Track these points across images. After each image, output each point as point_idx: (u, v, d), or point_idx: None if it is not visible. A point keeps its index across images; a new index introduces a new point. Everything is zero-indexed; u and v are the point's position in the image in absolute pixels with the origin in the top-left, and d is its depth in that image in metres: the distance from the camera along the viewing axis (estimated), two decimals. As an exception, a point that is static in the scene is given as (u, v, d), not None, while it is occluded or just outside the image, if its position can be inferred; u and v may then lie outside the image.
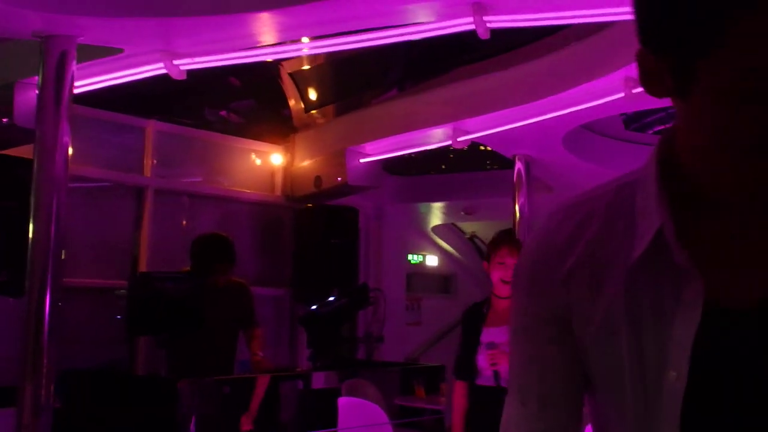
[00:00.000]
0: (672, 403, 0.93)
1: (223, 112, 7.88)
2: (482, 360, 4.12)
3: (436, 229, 9.26)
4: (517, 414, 1.09)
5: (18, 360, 3.59)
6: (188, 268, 5.84)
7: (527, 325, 1.08)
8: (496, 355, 4.09)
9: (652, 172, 1.00)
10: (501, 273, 4.20)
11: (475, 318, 4.31)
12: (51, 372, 3.57)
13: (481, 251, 9.59)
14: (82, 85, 4.64)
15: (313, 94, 7.56)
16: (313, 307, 5.91)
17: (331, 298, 6.27)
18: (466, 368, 4.20)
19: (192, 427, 4.49)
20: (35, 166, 3.76)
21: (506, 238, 4.41)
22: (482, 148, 8.33)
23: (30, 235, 3.67)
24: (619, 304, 0.97)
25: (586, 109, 4.97)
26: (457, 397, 4.24)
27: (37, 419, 3.46)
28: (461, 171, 8.58)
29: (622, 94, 4.49)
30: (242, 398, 4.74)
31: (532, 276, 1.07)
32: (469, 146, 8.17)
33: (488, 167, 8.37)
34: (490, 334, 4.21)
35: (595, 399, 1.06)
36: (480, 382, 4.16)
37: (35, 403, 3.48)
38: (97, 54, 4.44)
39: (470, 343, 4.21)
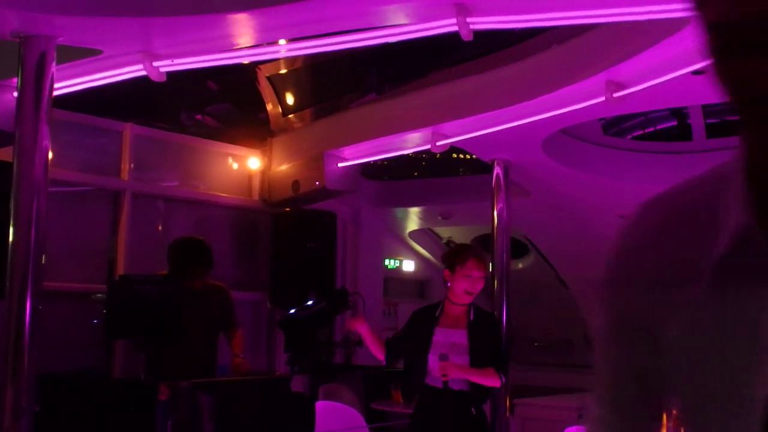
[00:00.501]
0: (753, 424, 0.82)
1: (200, 116, 7.85)
2: (433, 361, 4.35)
3: (413, 234, 9.26)
4: (607, 422, 1.01)
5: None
6: (166, 272, 5.82)
7: (614, 329, 1.01)
8: (447, 367, 4.30)
9: (738, 167, 0.90)
10: (467, 285, 4.44)
11: (426, 319, 4.53)
12: (31, 375, 3.54)
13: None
14: (61, 87, 4.59)
15: (290, 98, 7.55)
16: (292, 310, 5.90)
17: (310, 302, 6.26)
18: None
19: (169, 430, 4.45)
20: (15, 170, 3.72)
21: (473, 251, 4.66)
22: (455, 155, 8.38)
23: (10, 239, 3.63)
24: (704, 307, 0.88)
25: (566, 113, 4.99)
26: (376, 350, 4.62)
27: (17, 422, 3.43)
28: (438, 176, 8.61)
29: (602, 98, 4.52)
30: (222, 401, 4.72)
31: (616, 276, 1.02)
32: (442, 154, 8.25)
33: (461, 173, 8.42)
34: (440, 334, 4.44)
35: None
36: (429, 381, 4.37)
37: (16, 406, 3.44)
38: (75, 55, 4.41)
39: (421, 343, 4.41)
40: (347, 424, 5.72)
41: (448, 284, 4.47)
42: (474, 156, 7.51)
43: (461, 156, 8.31)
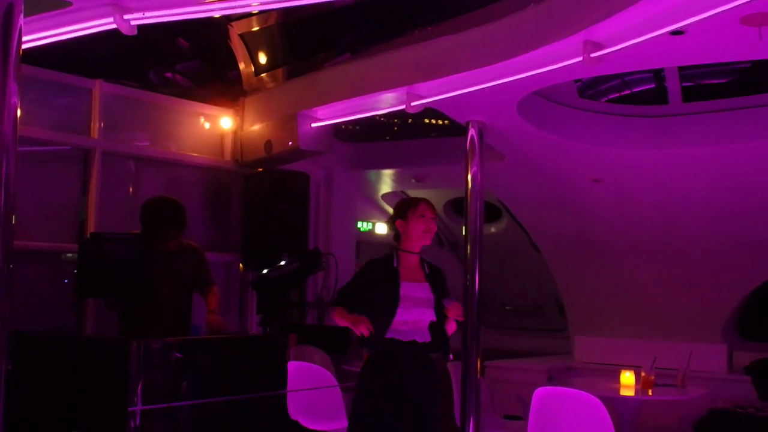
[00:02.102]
0: None
1: (169, 74, 7.75)
2: (402, 314, 4.37)
3: (386, 196, 9.24)
4: None
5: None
6: (138, 232, 5.77)
7: None
8: (457, 308, 4.48)
9: None
10: (423, 225, 4.51)
11: (387, 273, 4.49)
12: (3, 334, 3.49)
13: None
14: (29, 40, 4.49)
15: (263, 57, 7.47)
16: (265, 271, 5.87)
17: (283, 263, 6.24)
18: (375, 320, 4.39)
19: (139, 388, 4.43)
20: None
21: (421, 198, 4.67)
22: (427, 121, 8.35)
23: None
24: None
25: (542, 73, 4.95)
26: (340, 311, 4.48)
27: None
28: (411, 138, 8.58)
29: (580, 59, 4.48)
30: (194, 361, 4.69)
31: None
32: (414, 118, 8.20)
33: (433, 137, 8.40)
34: (407, 288, 4.44)
35: None
36: (395, 336, 4.38)
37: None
38: (44, 7, 4.31)
39: (389, 298, 4.39)
40: (319, 384, 5.73)
41: (403, 234, 4.53)
42: (447, 121, 7.49)
43: (434, 121, 8.28)
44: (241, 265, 7.38)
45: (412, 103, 5.77)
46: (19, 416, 4.43)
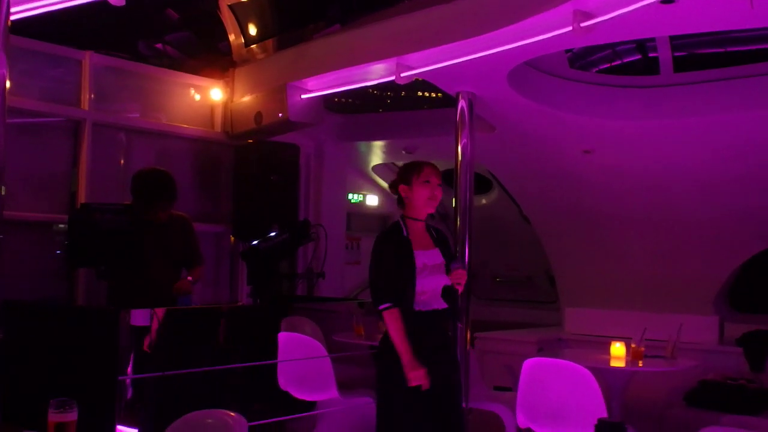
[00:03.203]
0: None
1: (159, 45, 7.72)
2: (421, 284, 4.23)
3: (376, 168, 9.24)
4: None
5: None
6: (129, 203, 5.78)
7: None
8: (461, 275, 4.31)
9: None
10: (428, 192, 4.33)
11: (402, 243, 4.31)
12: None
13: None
14: (17, 11, 4.47)
15: (253, 28, 7.43)
16: (255, 242, 5.88)
17: (273, 234, 6.25)
18: (403, 295, 4.22)
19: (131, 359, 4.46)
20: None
21: (426, 162, 4.47)
22: (420, 93, 8.33)
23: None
24: None
25: (532, 44, 4.94)
26: (397, 321, 4.20)
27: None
28: (396, 106, 8.56)
29: (569, 28, 4.47)
30: (183, 330, 4.72)
31: None
32: (406, 91, 8.17)
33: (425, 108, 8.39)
34: (422, 257, 4.31)
35: None
36: (417, 308, 4.23)
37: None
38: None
39: (408, 270, 4.24)
40: (309, 355, 5.75)
41: (406, 200, 4.38)
42: (440, 94, 7.47)
43: (427, 94, 8.27)
44: (231, 236, 7.39)
45: (402, 74, 5.75)
46: (9, 384, 4.46)
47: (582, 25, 4.41)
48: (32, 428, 2.74)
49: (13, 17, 4.07)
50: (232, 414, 2.99)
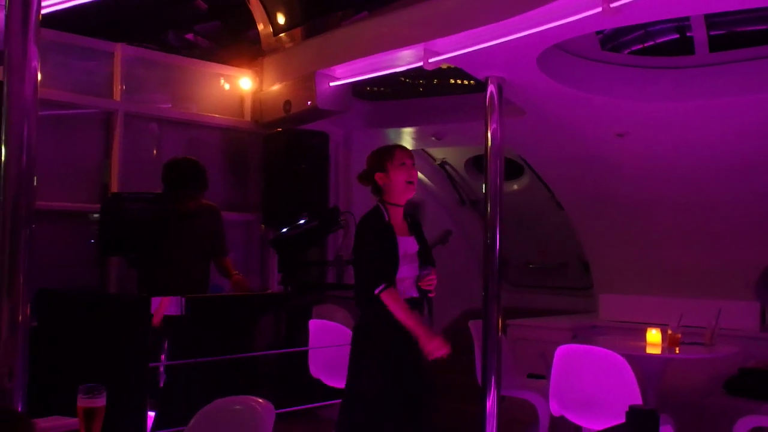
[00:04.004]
0: None
1: (190, 36, 7.76)
2: (403, 271, 4.23)
3: (406, 155, 9.18)
4: None
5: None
6: (160, 192, 5.82)
7: None
8: (432, 281, 4.33)
9: None
10: (405, 175, 4.31)
11: (386, 229, 4.27)
12: (26, 291, 3.55)
13: (452, 178, 9.57)
14: (49, 5, 4.51)
15: (281, 17, 7.44)
16: (284, 229, 5.89)
17: (302, 221, 6.26)
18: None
19: (166, 345, 4.48)
20: (4, 90, 3.66)
21: (394, 144, 4.47)
22: (453, 81, 8.28)
23: (2, 158, 3.60)
24: None
25: (561, 26, 4.87)
26: (399, 299, 4.19)
27: (14, 335, 3.46)
28: (427, 94, 8.52)
29: (599, 9, 4.40)
30: (214, 318, 4.74)
31: None
32: (439, 79, 8.11)
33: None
34: (403, 244, 4.28)
35: None
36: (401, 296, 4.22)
37: (12, 320, 3.47)
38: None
39: (392, 255, 4.22)
40: (340, 342, 5.76)
41: (384, 187, 4.32)
42: (473, 81, 7.43)
43: (459, 81, 8.23)
44: (261, 224, 7.41)
45: (430, 60, 5.71)
46: (43, 371, 4.51)
47: (611, 5, 4.35)
48: (65, 415, 2.76)
49: (44, 11, 4.11)
50: (260, 400, 2.99)
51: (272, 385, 5.00)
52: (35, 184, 3.61)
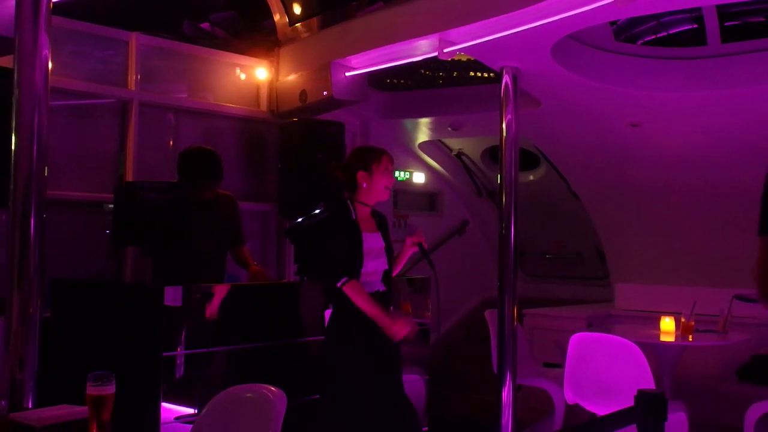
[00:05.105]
0: None
1: (206, 25, 7.77)
2: (368, 266, 4.41)
3: (422, 145, 9.21)
4: None
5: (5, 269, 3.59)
6: (176, 181, 5.84)
7: None
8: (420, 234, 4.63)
9: None
10: (386, 180, 4.52)
11: (350, 226, 4.45)
12: (36, 282, 3.57)
13: (469, 168, 9.57)
14: (62, -6, 4.53)
15: (297, 8, 7.44)
16: (299, 219, 5.89)
17: (317, 211, 6.26)
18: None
19: (182, 336, 4.51)
20: (15, 78, 3.68)
21: (381, 149, 4.63)
22: (472, 74, 8.27)
23: (13, 149, 3.62)
24: None
25: (576, 16, 4.87)
26: (361, 290, 4.35)
27: (25, 327, 3.48)
28: (447, 86, 8.51)
29: (612, -1, 4.41)
30: (229, 307, 4.76)
31: None
32: (459, 71, 8.10)
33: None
34: (368, 240, 4.46)
35: None
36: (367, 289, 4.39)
37: (23, 311, 3.49)
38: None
39: (357, 251, 4.38)
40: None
41: (361, 186, 4.49)
42: (492, 73, 7.42)
43: (479, 74, 8.21)
44: (278, 214, 7.43)
45: (445, 50, 5.71)
46: (57, 361, 4.55)
47: (624, -5, 4.34)
48: (80, 405, 2.78)
49: (56, -1, 4.13)
50: (273, 389, 3.02)
51: (288, 375, 5.02)
52: (46, 173, 3.62)
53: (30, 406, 3.38)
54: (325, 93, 6.77)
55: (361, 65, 6.71)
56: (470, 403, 7.95)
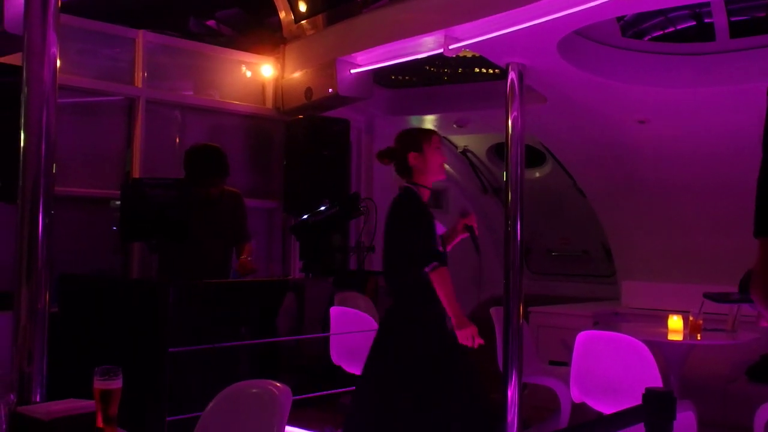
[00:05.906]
0: None
1: (212, 23, 7.78)
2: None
3: (428, 142, 9.17)
4: None
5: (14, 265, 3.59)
6: (182, 178, 5.85)
7: None
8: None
9: None
10: (440, 157, 4.38)
11: (427, 210, 4.30)
12: (45, 277, 3.57)
13: (474, 165, 9.55)
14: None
15: (302, 5, 7.44)
16: (305, 216, 5.91)
17: (322, 207, 6.27)
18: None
19: (188, 332, 4.52)
20: (24, 77, 3.68)
21: (427, 128, 4.63)
22: (477, 70, 8.25)
23: (21, 146, 3.62)
24: None
25: (582, 12, 4.85)
26: (448, 280, 4.22)
27: (33, 322, 3.49)
28: (452, 83, 8.50)
29: (618, -7, 4.39)
30: (231, 302, 4.76)
31: None
32: (463, 68, 8.08)
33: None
34: (438, 226, 4.35)
35: None
36: None
37: (31, 306, 3.49)
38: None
39: (435, 236, 4.26)
40: (360, 329, 5.78)
41: (415, 168, 4.34)
42: (497, 70, 7.40)
43: (485, 70, 8.20)
44: (283, 211, 7.44)
45: (450, 47, 5.70)
46: (65, 355, 4.56)
47: (631, -10, 4.33)
48: (87, 399, 2.78)
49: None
50: (278, 384, 3.00)
51: (293, 371, 5.03)
52: (54, 170, 3.62)
53: (38, 399, 3.39)
54: (330, 90, 6.77)
55: (366, 62, 6.71)
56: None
